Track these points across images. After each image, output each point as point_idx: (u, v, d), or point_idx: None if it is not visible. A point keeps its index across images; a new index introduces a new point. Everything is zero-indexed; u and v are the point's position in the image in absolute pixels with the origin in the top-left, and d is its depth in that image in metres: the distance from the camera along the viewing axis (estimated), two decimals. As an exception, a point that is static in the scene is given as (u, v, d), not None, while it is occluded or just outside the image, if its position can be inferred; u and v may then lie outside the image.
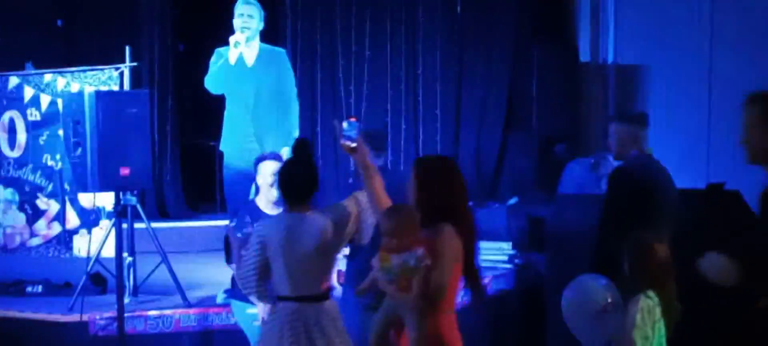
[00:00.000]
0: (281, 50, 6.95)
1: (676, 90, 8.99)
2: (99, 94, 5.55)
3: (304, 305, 4.08)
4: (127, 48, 6.86)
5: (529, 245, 7.59)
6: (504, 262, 7.53)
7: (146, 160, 5.62)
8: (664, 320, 4.21)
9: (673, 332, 4.29)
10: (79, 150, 5.51)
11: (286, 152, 6.49)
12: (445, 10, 9.40)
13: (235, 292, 5.37)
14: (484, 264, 7.24)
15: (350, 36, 9.58)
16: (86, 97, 5.48)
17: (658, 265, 4.23)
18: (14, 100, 7.30)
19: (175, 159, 9.23)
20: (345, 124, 4.05)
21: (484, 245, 7.97)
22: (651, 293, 4.18)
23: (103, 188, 5.64)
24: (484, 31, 9.36)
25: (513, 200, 8.61)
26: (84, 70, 7.06)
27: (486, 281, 6.95)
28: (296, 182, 4.20)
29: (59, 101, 6.96)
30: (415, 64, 9.51)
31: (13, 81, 7.33)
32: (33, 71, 7.37)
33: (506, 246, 7.75)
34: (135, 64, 6.90)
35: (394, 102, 9.53)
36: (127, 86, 6.87)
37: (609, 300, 4.17)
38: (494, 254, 7.71)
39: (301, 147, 4.30)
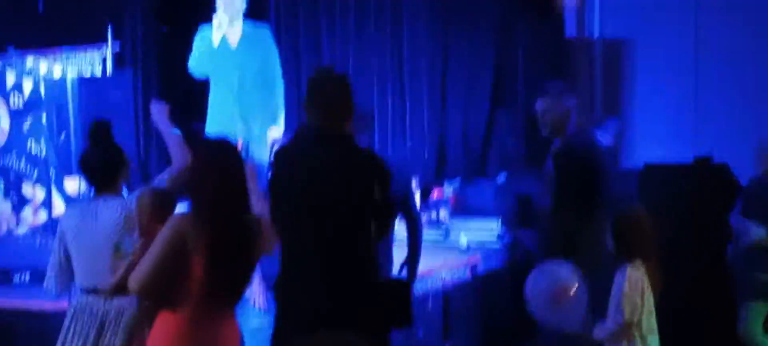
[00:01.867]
0: (265, 29, 6.86)
1: (662, 63, 9.00)
2: (81, 80, 5.50)
3: (94, 297, 3.81)
4: (110, 27, 6.80)
5: (517, 222, 7.58)
6: (493, 240, 7.53)
7: (130, 143, 5.56)
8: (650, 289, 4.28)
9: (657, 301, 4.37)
10: (63, 135, 5.45)
11: (274, 132, 6.47)
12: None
13: None
14: (472, 242, 7.36)
15: (335, 13, 9.52)
16: (68, 83, 5.42)
17: (643, 236, 4.32)
18: (-3, 86, 7.22)
19: (160, 142, 9.14)
20: None
21: (472, 222, 8.05)
22: (637, 263, 4.24)
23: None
24: (469, 6, 9.30)
25: (501, 178, 8.60)
26: (66, 51, 6.97)
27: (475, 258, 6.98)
28: (93, 166, 4.01)
29: (42, 87, 6.89)
30: (401, 42, 9.46)
31: (-5, 66, 7.25)
32: (14, 56, 7.27)
33: (495, 224, 7.77)
34: (117, 42, 6.83)
35: (380, 81, 9.48)
36: (109, 67, 6.80)
37: (576, 285, 4.22)
38: (483, 232, 7.72)
39: (98, 129, 4.14)
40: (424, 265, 6.44)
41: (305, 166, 3.66)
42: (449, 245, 7.50)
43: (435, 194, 8.64)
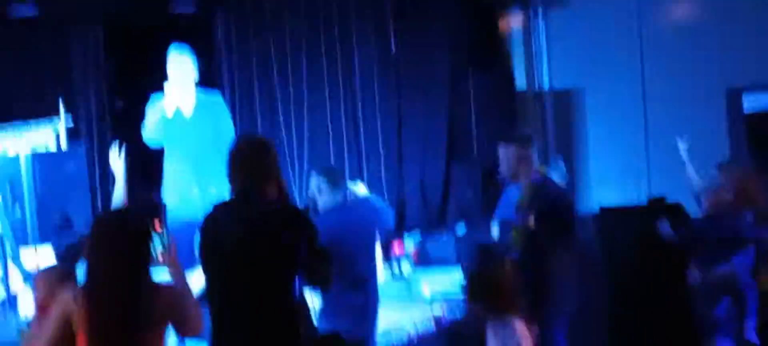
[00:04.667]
0: (217, 97, 6.90)
1: (612, 110, 9.17)
2: (35, 156, 5.49)
3: None
4: (61, 99, 6.76)
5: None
6: (456, 291, 7.55)
7: (87, 212, 5.55)
8: None
9: None
10: (18, 211, 5.43)
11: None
12: (379, 48, 9.46)
13: None
14: (436, 293, 7.37)
15: (288, 78, 9.58)
16: (22, 159, 5.41)
17: (514, 290, 4.13)
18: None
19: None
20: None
21: (434, 273, 8.07)
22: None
23: (43, 240, 5.56)
24: (420, 64, 9.43)
25: (461, 229, 8.66)
26: (18, 126, 6.93)
27: (439, 310, 6.99)
28: None
29: (-2, 165, 6.87)
30: (355, 104, 9.53)
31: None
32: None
33: (457, 274, 7.81)
34: (69, 115, 6.81)
35: (337, 142, 9.53)
36: (63, 142, 6.79)
37: None
38: (446, 282, 7.74)
39: None
40: (389, 319, 6.50)
41: (227, 227, 3.72)
42: (413, 298, 7.50)
43: (396, 248, 8.67)
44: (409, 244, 8.70)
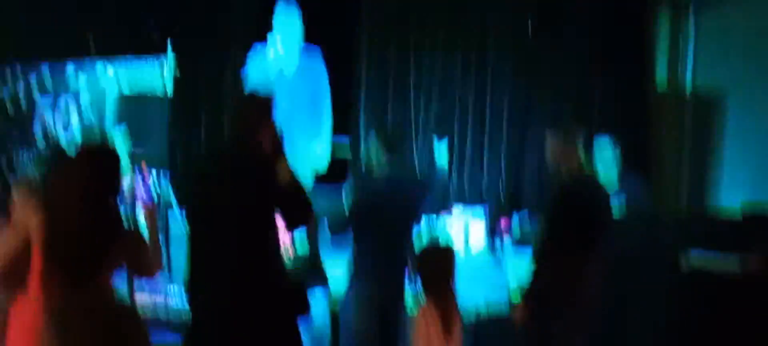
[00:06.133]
0: (318, 58, 6.99)
1: (755, 122, 8.73)
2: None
3: None
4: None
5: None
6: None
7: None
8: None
9: None
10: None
11: (318, 147, 6.88)
12: (516, 34, 9.43)
13: None
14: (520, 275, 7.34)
15: (423, 45, 9.75)
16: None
17: (434, 273, 4.08)
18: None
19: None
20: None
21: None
22: (430, 302, 4.03)
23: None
24: (553, 56, 9.30)
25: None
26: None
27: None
28: None
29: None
30: (485, 79, 9.55)
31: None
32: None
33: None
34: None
35: (462, 113, 9.62)
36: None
37: None
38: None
39: None
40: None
41: (207, 171, 3.99)
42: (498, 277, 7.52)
43: (502, 224, 8.80)
44: (516, 222, 8.79)
